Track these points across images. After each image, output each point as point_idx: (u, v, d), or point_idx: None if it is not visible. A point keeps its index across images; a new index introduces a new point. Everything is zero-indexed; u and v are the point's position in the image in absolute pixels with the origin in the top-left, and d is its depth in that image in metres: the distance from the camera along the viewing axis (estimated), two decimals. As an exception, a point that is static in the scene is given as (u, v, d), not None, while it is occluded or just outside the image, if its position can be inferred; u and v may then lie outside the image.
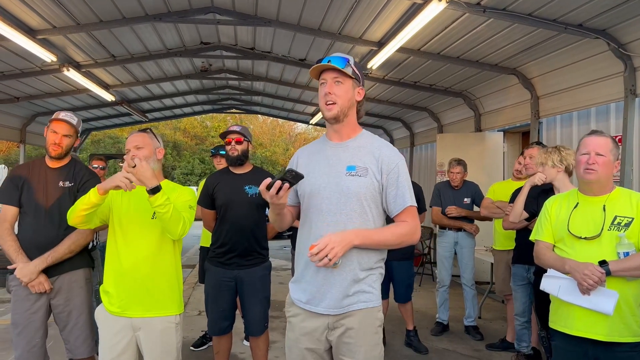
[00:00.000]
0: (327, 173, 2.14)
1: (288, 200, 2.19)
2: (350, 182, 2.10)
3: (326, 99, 2.12)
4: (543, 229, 2.71)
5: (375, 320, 2.15)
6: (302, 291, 2.17)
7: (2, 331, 5.64)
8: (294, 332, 2.21)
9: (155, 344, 2.64)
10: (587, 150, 2.56)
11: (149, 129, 2.82)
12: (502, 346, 5.00)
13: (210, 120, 32.28)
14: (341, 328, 2.11)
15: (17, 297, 3.01)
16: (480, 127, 8.15)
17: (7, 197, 3.04)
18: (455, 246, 5.54)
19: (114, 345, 2.63)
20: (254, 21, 6.45)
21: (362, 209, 2.10)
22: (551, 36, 5.28)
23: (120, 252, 2.65)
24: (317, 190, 2.14)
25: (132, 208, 2.67)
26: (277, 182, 1.94)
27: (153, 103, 11.86)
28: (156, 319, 2.65)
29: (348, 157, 2.15)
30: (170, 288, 2.71)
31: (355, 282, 2.10)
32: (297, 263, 2.26)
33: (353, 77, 2.14)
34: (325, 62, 2.12)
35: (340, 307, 2.10)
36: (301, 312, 2.18)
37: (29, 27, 5.81)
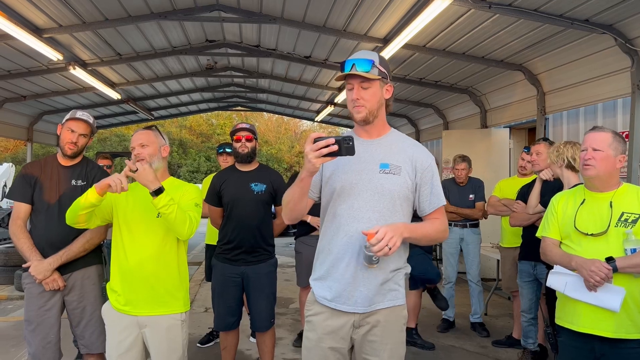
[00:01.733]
0: (359, 170, 2.10)
1: (309, 193, 2.14)
2: (385, 180, 2.07)
3: (354, 104, 2.09)
4: (549, 225, 2.71)
5: (401, 318, 2.15)
6: (328, 289, 2.12)
7: (11, 328, 5.69)
8: (315, 332, 2.15)
9: (161, 341, 2.66)
10: (585, 146, 2.57)
11: (154, 127, 2.82)
12: (509, 343, 5.00)
13: (215, 118, 32.32)
14: (366, 326, 2.10)
15: (31, 295, 3.04)
16: (486, 123, 8.12)
17: (19, 195, 3.06)
18: (460, 242, 5.54)
19: (120, 342, 2.65)
20: (258, 18, 6.46)
21: (394, 207, 2.08)
22: (557, 32, 5.25)
23: (125, 251, 2.67)
24: (348, 187, 2.09)
25: (136, 207, 2.68)
26: (330, 139, 1.85)
27: (159, 101, 11.90)
28: (162, 317, 2.66)
29: (381, 155, 2.12)
30: (175, 286, 2.72)
31: (385, 280, 2.09)
32: (321, 260, 2.19)
33: (380, 78, 2.09)
34: (349, 68, 2.05)
35: (369, 305, 2.08)
36: (324, 310, 2.13)
37: (36, 25, 5.84)
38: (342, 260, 2.08)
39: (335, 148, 1.84)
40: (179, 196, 2.68)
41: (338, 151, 1.85)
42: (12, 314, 6.42)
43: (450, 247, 5.58)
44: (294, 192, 2.07)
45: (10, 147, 27.95)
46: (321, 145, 1.84)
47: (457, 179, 5.50)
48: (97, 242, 3.15)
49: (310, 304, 2.21)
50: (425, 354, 4.82)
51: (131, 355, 2.67)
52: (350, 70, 2.05)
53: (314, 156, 1.85)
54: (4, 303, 7.08)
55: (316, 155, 1.85)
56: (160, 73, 9.26)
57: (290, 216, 2.20)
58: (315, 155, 1.85)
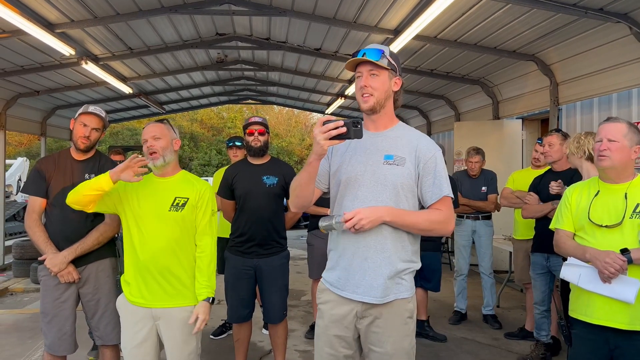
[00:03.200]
0: (364, 162, 2.12)
1: (317, 182, 2.18)
2: (388, 171, 2.09)
3: (362, 92, 2.10)
4: (563, 217, 2.69)
5: (404, 311, 2.14)
6: (336, 277, 2.17)
7: (27, 320, 5.78)
8: (323, 320, 2.22)
9: (176, 333, 2.68)
10: (599, 137, 2.54)
11: (166, 120, 2.82)
12: (521, 335, 4.98)
13: (226, 112, 32.36)
14: (369, 317, 2.12)
15: (47, 287, 3.08)
16: (498, 114, 8.05)
17: (34, 189, 3.10)
18: (473, 235, 5.52)
19: (135, 334, 2.68)
20: (269, 11, 6.45)
21: (398, 197, 2.09)
22: (571, 21, 5.19)
23: (136, 245, 2.68)
24: (353, 178, 2.12)
25: (147, 200, 2.68)
26: (339, 122, 1.88)
27: (170, 95, 11.95)
28: (176, 309, 2.68)
29: (386, 147, 2.14)
30: (189, 279, 2.73)
31: (392, 273, 2.09)
32: (331, 251, 2.24)
33: (389, 69, 2.12)
34: (360, 56, 2.10)
35: (374, 296, 2.09)
36: (332, 298, 2.18)
37: (48, 21, 5.88)
38: (349, 250, 2.11)
39: (344, 130, 1.87)
40: (192, 195, 2.71)
41: (346, 134, 1.87)
42: (28, 306, 6.53)
43: (462, 240, 5.57)
44: (302, 177, 2.11)
45: (24, 142, 28.25)
46: (330, 127, 1.88)
47: (470, 172, 5.47)
48: (110, 235, 3.18)
49: (320, 292, 2.27)
50: (436, 346, 4.82)
51: (145, 346, 2.70)
52: (360, 57, 2.09)
53: (322, 138, 1.89)
54: (20, 295, 7.20)
55: (325, 137, 1.89)
56: (171, 67, 9.29)
57: (297, 203, 2.22)
58: (323, 137, 1.89)
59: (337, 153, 2.23)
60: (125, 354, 2.73)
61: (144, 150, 2.70)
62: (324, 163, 2.21)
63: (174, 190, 2.71)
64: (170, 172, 2.76)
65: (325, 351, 2.19)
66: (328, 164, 2.23)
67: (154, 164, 2.66)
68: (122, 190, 2.70)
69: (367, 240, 2.08)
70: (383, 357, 2.12)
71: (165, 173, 2.74)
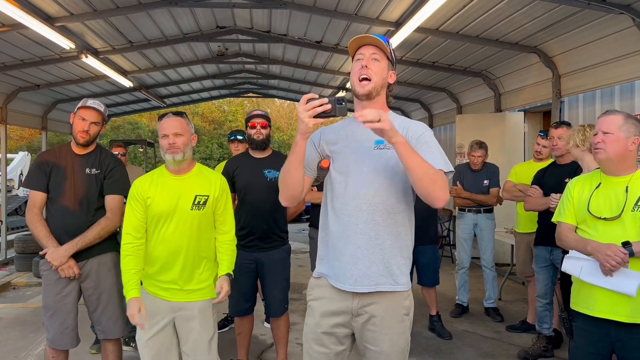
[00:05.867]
0: (355, 149, 2.07)
1: (306, 170, 2.08)
2: (379, 156, 2.04)
3: (361, 73, 2.02)
4: (565, 210, 2.68)
5: (400, 308, 2.09)
6: (329, 267, 2.12)
7: (29, 314, 5.80)
8: (313, 317, 2.15)
9: (195, 323, 2.73)
10: (595, 130, 2.55)
11: (184, 114, 2.79)
12: (523, 328, 4.99)
13: (227, 105, 32.29)
14: (365, 315, 2.07)
15: (48, 281, 3.09)
16: (500, 107, 8.02)
17: (35, 183, 3.10)
18: (474, 228, 5.51)
19: (152, 325, 2.70)
20: (269, 4, 6.40)
21: (391, 182, 2.03)
22: (573, 13, 5.14)
23: (158, 242, 2.71)
24: (344, 166, 2.08)
25: (169, 201, 2.69)
26: (324, 99, 1.83)
27: (170, 88, 11.92)
28: (195, 302, 2.75)
29: None
30: (209, 273, 2.81)
31: (386, 260, 2.03)
32: (321, 241, 2.18)
33: (389, 59, 2.09)
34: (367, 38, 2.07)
35: (368, 284, 2.02)
36: (325, 294, 2.12)
37: (47, 14, 5.85)
38: (341, 239, 2.06)
39: (329, 107, 1.82)
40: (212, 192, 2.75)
41: (331, 111, 1.83)
42: (30, 300, 6.55)
43: (464, 233, 5.56)
44: (290, 161, 2.01)
45: (25, 136, 28.22)
46: (314, 105, 1.83)
47: (473, 165, 5.45)
48: (112, 229, 3.18)
49: (311, 288, 2.20)
50: (439, 339, 4.83)
51: (162, 337, 2.72)
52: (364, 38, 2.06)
53: (306, 115, 1.83)
54: (22, 289, 7.22)
55: (309, 114, 1.83)
56: (171, 60, 9.26)
57: (287, 194, 2.10)
58: (308, 115, 1.83)
59: (326, 142, 2.16)
60: (140, 345, 2.74)
61: (163, 145, 2.66)
62: (311, 151, 2.14)
63: (194, 189, 2.72)
64: (186, 168, 2.76)
65: (314, 349, 2.13)
66: (316, 153, 2.16)
67: (173, 158, 2.65)
68: (147, 197, 2.69)
69: (360, 227, 2.02)
70: (379, 356, 2.07)
71: (181, 170, 2.74)
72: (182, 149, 2.65)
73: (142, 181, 2.74)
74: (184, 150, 2.67)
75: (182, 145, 2.65)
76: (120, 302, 3.23)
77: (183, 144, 2.65)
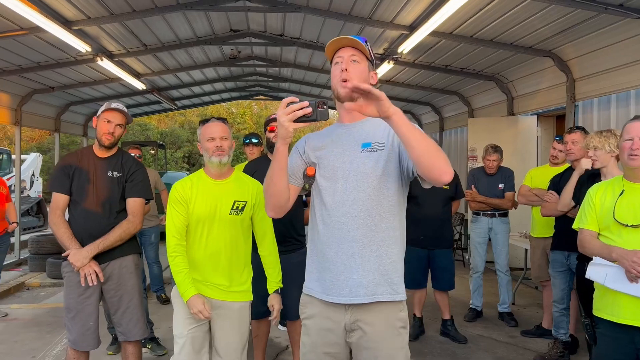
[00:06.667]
0: (341, 153, 2.00)
1: (289, 177, 2.01)
2: (367, 159, 1.95)
3: (341, 77, 1.94)
4: (587, 217, 2.67)
5: (396, 321, 1.98)
6: (320, 280, 2.00)
7: (46, 314, 5.84)
8: (310, 337, 2.05)
9: (233, 321, 2.79)
10: (630, 135, 2.52)
11: (226, 119, 2.88)
12: (538, 333, 4.97)
13: (235, 107, 32.38)
14: (359, 331, 1.97)
15: (70, 283, 3.12)
16: (512, 111, 8.00)
17: (58, 185, 3.14)
18: (489, 232, 5.51)
19: (188, 318, 2.72)
20: (284, 7, 6.44)
21: (381, 184, 1.94)
22: (590, 17, 5.13)
23: (198, 244, 2.77)
24: (331, 172, 2.00)
25: (209, 205, 2.75)
26: (304, 102, 1.76)
27: (182, 90, 11.97)
28: (234, 302, 2.81)
29: (363, 135, 2.00)
30: (248, 276, 2.88)
31: (380, 268, 1.94)
32: (311, 252, 2.08)
33: (369, 59, 2.02)
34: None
35: (364, 295, 1.92)
36: (317, 312, 2.03)
37: (65, 18, 5.90)
38: (332, 248, 1.95)
39: (309, 111, 1.75)
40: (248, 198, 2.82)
41: (312, 114, 1.76)
42: (45, 301, 6.60)
43: (478, 237, 5.55)
44: (272, 168, 1.93)
45: (35, 137, 28.41)
46: (294, 108, 1.76)
47: (488, 170, 5.44)
48: (133, 231, 3.21)
49: (304, 306, 2.10)
50: (453, 344, 4.81)
51: (198, 332, 2.75)
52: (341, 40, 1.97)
53: (286, 119, 1.76)
54: (36, 290, 7.28)
55: (289, 118, 1.76)
56: (184, 63, 9.31)
57: (272, 204, 2.01)
58: (288, 119, 1.76)
59: (311, 149, 2.09)
60: (181, 339, 2.75)
61: (209, 148, 2.72)
62: (296, 159, 2.09)
63: (233, 194, 2.78)
64: (226, 173, 2.82)
65: None
66: (301, 160, 2.09)
67: (220, 161, 2.72)
68: (188, 202, 2.75)
69: (353, 234, 1.92)
70: None
71: (222, 174, 2.80)
72: (228, 152, 2.74)
73: (182, 184, 2.79)
74: (229, 154, 2.75)
75: (228, 149, 2.74)
76: (140, 304, 3.27)
77: (228, 148, 2.75)
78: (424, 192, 4.45)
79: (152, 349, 4.50)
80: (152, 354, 4.47)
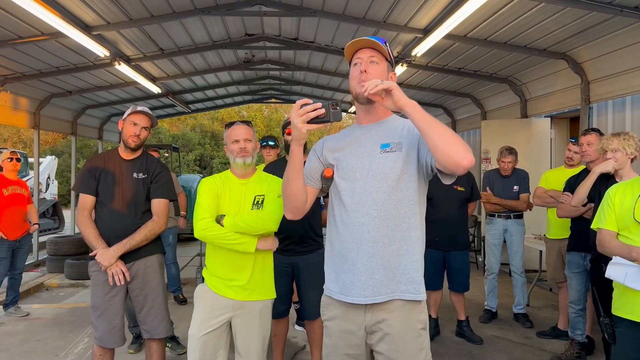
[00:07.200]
0: (360, 154, 2.00)
1: (307, 179, 2.04)
2: (386, 160, 1.95)
3: (360, 79, 1.95)
4: (606, 217, 2.71)
5: (416, 323, 1.98)
6: (340, 281, 2.00)
7: (67, 314, 5.95)
8: (331, 338, 2.07)
9: (254, 321, 2.84)
10: None
11: (250, 122, 2.97)
12: (554, 334, 4.98)
13: (246, 110, 32.55)
14: (379, 333, 1.97)
15: (97, 282, 3.20)
16: (526, 113, 8.01)
17: (85, 187, 3.22)
18: (504, 234, 5.52)
19: (210, 320, 2.79)
20: (299, 12, 6.51)
21: (399, 184, 1.94)
22: (605, 19, 5.15)
23: None
24: (349, 172, 2.00)
25: (234, 202, 2.82)
26: (317, 104, 1.78)
27: (196, 94, 12.11)
28: (256, 302, 2.86)
29: (381, 136, 2.00)
30: (269, 273, 2.92)
31: (401, 267, 1.95)
32: (330, 256, 2.09)
33: (388, 60, 2.02)
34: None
35: (385, 293, 1.93)
36: (338, 314, 2.04)
37: (85, 23, 6.03)
38: (352, 249, 1.96)
39: (322, 112, 1.78)
40: (265, 190, 2.85)
41: (325, 116, 1.78)
42: (64, 301, 6.71)
43: (493, 239, 5.57)
44: (288, 171, 1.96)
45: (49, 140, 28.76)
46: (308, 110, 1.79)
47: (502, 171, 5.46)
48: (158, 231, 3.29)
49: (325, 308, 2.12)
50: (470, 344, 4.84)
51: (214, 335, 2.80)
52: (360, 41, 1.98)
53: (300, 121, 1.79)
54: (55, 290, 7.40)
55: (302, 120, 1.79)
56: (199, 67, 9.42)
57: (289, 205, 2.04)
58: (301, 120, 1.79)
59: (329, 151, 2.09)
60: (193, 341, 2.79)
61: (233, 149, 2.82)
62: (313, 161, 2.10)
63: (253, 190, 2.86)
64: (251, 172, 2.91)
65: None
66: (319, 162, 2.10)
67: (244, 162, 2.81)
68: (217, 195, 2.83)
69: (373, 234, 1.93)
70: None
71: (246, 174, 2.88)
72: (251, 153, 2.83)
73: (212, 179, 2.88)
74: (253, 155, 2.84)
75: (252, 150, 2.83)
76: (165, 303, 3.35)
77: (252, 149, 2.84)
78: (440, 193, 4.51)
79: (172, 348, 4.57)
80: (172, 352, 4.55)
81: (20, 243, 5.78)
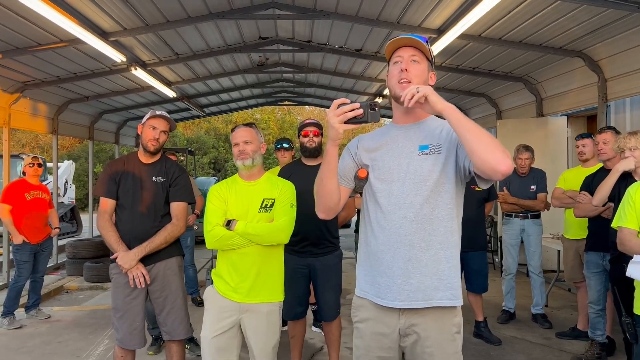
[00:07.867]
0: (397, 155, 1.96)
1: (340, 179, 2.01)
2: (425, 162, 1.91)
3: (401, 77, 1.91)
4: (627, 215, 2.69)
5: (451, 327, 1.96)
6: (375, 284, 1.98)
7: (87, 316, 6.03)
8: (363, 340, 2.04)
9: (261, 325, 2.84)
10: None
11: (254, 124, 2.98)
12: (573, 335, 4.94)
13: (259, 113, 32.71)
14: (414, 335, 1.95)
15: (118, 284, 3.25)
16: (542, 112, 7.95)
17: (105, 190, 3.28)
18: (522, 234, 5.49)
19: (219, 322, 2.81)
20: (313, 14, 6.54)
21: (438, 187, 1.91)
22: (622, 16, 5.10)
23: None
24: (386, 173, 1.96)
25: (241, 204, 2.85)
26: (355, 104, 1.76)
27: (210, 97, 12.21)
28: (263, 304, 2.85)
29: (420, 137, 1.96)
30: (278, 276, 2.93)
31: (439, 272, 1.91)
32: (364, 258, 2.06)
33: (429, 60, 1.99)
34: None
35: (422, 299, 1.90)
36: (371, 315, 2.01)
37: (102, 29, 6.12)
38: (388, 252, 1.93)
39: (360, 112, 1.75)
40: (277, 195, 2.85)
41: (363, 116, 1.76)
42: (84, 304, 6.81)
43: (511, 239, 5.54)
44: (322, 171, 1.95)
45: (66, 145, 29.16)
46: (345, 110, 1.77)
47: (519, 169, 5.42)
48: (177, 234, 3.33)
49: (356, 309, 2.09)
50: (488, 345, 4.82)
51: (225, 337, 2.82)
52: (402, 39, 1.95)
53: (337, 121, 1.77)
54: (75, 293, 7.51)
55: (340, 120, 1.77)
56: (214, 71, 9.50)
57: (322, 205, 2.04)
58: (338, 120, 1.77)
59: (364, 150, 2.06)
60: (205, 343, 2.83)
61: (234, 153, 2.87)
62: (347, 160, 2.07)
63: (262, 193, 2.87)
64: (257, 174, 2.92)
65: None
66: (353, 162, 2.07)
67: (243, 163, 2.84)
68: (225, 198, 2.86)
69: (410, 238, 1.89)
70: None
71: (252, 175, 2.90)
72: (251, 155, 2.84)
73: (220, 185, 2.92)
74: (253, 157, 2.85)
75: (251, 152, 2.84)
76: (184, 304, 3.39)
77: (252, 151, 2.84)
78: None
79: (191, 349, 4.62)
80: (190, 354, 4.59)
81: (42, 247, 5.88)
